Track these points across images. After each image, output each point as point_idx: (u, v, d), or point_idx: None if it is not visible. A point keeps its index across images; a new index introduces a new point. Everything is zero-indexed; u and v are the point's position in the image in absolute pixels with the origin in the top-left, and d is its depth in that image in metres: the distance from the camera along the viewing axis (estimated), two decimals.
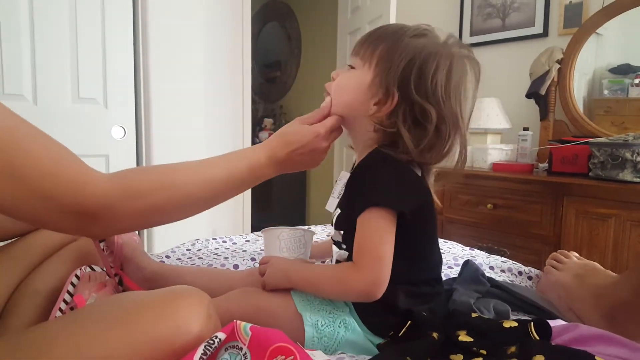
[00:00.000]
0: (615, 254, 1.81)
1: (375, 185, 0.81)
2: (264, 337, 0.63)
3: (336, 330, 0.83)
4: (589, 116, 2.26)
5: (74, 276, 0.94)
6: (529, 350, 0.69)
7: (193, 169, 0.81)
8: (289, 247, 0.96)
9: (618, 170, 1.82)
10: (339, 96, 0.90)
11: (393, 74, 0.83)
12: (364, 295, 0.80)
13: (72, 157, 0.64)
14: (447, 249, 1.52)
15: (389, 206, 0.80)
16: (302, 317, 0.83)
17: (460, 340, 0.78)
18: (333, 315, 0.84)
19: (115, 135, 2.36)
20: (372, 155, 0.86)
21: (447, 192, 2.42)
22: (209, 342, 0.61)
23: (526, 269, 1.34)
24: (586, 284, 1.10)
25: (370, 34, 0.89)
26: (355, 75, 0.88)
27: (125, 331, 0.60)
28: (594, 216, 1.85)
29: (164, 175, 0.76)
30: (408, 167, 0.85)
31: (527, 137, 2.32)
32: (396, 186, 0.82)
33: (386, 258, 0.79)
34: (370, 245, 0.79)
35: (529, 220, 2.07)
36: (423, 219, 0.87)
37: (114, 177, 0.68)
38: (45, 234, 1.03)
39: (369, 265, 0.78)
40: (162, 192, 0.72)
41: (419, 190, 0.86)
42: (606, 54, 2.28)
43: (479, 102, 2.44)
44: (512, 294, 1.05)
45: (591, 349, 0.71)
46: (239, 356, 0.63)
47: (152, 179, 0.73)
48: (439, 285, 0.93)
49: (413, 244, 0.86)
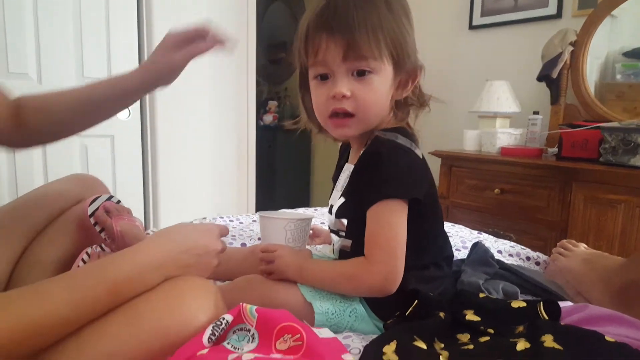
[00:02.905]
0: (623, 241, 1.79)
1: (385, 177, 0.79)
2: (270, 318, 0.63)
3: (346, 319, 0.82)
4: (600, 101, 2.22)
5: (85, 253, 0.94)
6: (538, 329, 0.68)
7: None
8: (295, 237, 0.94)
9: (630, 155, 1.79)
10: (368, 111, 0.82)
11: (406, 53, 0.81)
12: (378, 290, 0.78)
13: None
14: (455, 232, 1.51)
15: (401, 196, 0.78)
16: (311, 305, 0.81)
17: (467, 320, 0.77)
18: (343, 304, 0.83)
19: (120, 115, 2.36)
20: (376, 144, 0.83)
21: (453, 176, 2.40)
22: (217, 323, 0.61)
23: (534, 255, 1.33)
24: (594, 268, 1.09)
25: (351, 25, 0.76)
26: (378, 81, 0.80)
27: (132, 326, 0.59)
28: (602, 202, 1.83)
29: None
30: (412, 152, 0.83)
31: (537, 121, 2.29)
32: (406, 174, 0.80)
33: (400, 251, 0.77)
34: (382, 239, 0.78)
35: (536, 206, 2.05)
36: (431, 202, 0.86)
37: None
38: (47, 197, 1.02)
39: (382, 259, 0.77)
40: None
41: (426, 174, 0.85)
42: (620, 37, 2.23)
43: (489, 85, 2.41)
44: (521, 277, 1.05)
45: (601, 329, 0.70)
46: (247, 337, 0.62)
47: None
48: (447, 267, 0.92)
49: (422, 228, 0.85)
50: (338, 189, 0.93)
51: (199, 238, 0.73)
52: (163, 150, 2.51)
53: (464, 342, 0.74)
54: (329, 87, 0.81)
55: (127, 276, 0.62)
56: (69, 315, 0.57)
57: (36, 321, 0.55)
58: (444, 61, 2.84)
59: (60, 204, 1.02)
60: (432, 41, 2.87)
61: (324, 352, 0.57)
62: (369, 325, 0.83)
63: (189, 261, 0.70)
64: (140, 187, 2.51)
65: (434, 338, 0.73)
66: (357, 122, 0.82)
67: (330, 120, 0.83)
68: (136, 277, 0.63)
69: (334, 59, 0.78)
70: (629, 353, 0.62)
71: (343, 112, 0.81)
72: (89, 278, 0.61)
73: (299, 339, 0.58)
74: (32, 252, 0.94)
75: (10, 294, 0.58)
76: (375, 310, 0.83)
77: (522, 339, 0.68)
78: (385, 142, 0.82)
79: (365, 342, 0.75)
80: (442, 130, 2.64)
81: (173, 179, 2.57)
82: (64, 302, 0.57)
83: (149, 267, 0.65)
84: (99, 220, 1.00)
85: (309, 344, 0.58)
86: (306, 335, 0.59)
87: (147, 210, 2.54)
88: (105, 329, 0.59)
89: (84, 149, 2.28)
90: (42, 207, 1.00)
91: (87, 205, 1.00)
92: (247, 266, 0.98)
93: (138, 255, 0.65)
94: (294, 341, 0.59)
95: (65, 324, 0.57)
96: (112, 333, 0.59)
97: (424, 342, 0.67)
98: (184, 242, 0.71)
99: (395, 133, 0.83)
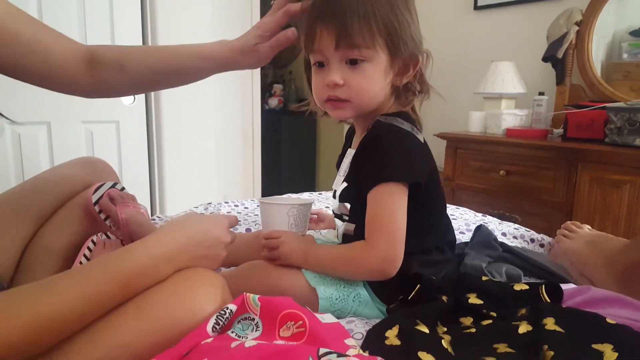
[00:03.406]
0: (629, 221, 1.79)
1: (384, 160, 0.79)
2: (273, 306, 0.63)
3: (350, 304, 0.83)
4: (606, 80, 2.20)
5: (91, 241, 0.95)
6: (540, 312, 0.69)
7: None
8: (298, 222, 0.94)
9: (635, 135, 1.78)
10: (362, 97, 0.82)
11: (403, 40, 0.80)
12: (378, 272, 0.79)
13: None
14: (459, 215, 1.51)
15: (400, 180, 0.78)
16: (315, 290, 0.82)
17: (470, 303, 0.78)
18: (347, 289, 0.84)
19: (125, 101, 2.36)
20: (376, 128, 0.84)
21: (459, 158, 2.39)
22: (221, 312, 0.61)
23: (538, 237, 1.33)
24: (598, 249, 1.09)
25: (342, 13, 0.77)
26: (371, 68, 0.81)
27: (143, 318, 0.60)
28: (608, 183, 1.83)
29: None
30: (413, 136, 0.83)
31: (542, 102, 2.27)
32: (406, 158, 0.80)
33: (399, 234, 0.78)
34: (382, 222, 0.78)
35: (541, 187, 2.05)
36: (433, 186, 0.86)
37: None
38: (56, 182, 1.02)
39: (382, 242, 0.77)
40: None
41: (427, 158, 0.85)
42: (627, 15, 2.20)
43: (494, 66, 2.38)
44: (525, 259, 1.05)
45: (603, 311, 0.70)
46: (251, 326, 0.63)
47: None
48: (450, 251, 0.93)
49: (424, 212, 0.85)
50: (341, 174, 0.94)
51: (210, 230, 0.73)
52: (168, 135, 2.52)
53: (466, 325, 0.75)
54: (324, 75, 0.82)
55: (139, 269, 0.62)
56: (81, 311, 0.57)
57: (48, 317, 0.55)
58: (449, 42, 2.81)
59: (69, 189, 1.02)
60: (437, 22, 2.84)
61: (327, 337, 0.58)
62: (372, 310, 0.84)
63: (200, 253, 0.70)
64: (145, 172, 2.53)
65: (436, 322, 0.74)
66: (352, 106, 0.83)
67: (327, 103, 0.85)
68: (149, 270, 0.63)
69: (328, 47, 0.79)
70: (630, 335, 0.63)
71: (337, 99, 0.83)
72: (100, 272, 0.61)
73: (302, 326, 0.59)
74: (41, 238, 0.95)
75: (21, 290, 0.58)
76: (379, 295, 0.84)
77: (524, 322, 0.69)
78: (385, 126, 0.82)
79: (368, 326, 0.76)
80: (447, 112, 2.63)
81: (178, 164, 2.58)
82: (76, 297, 0.57)
83: (162, 259, 0.65)
84: (103, 208, 1.01)
85: (311, 329, 0.58)
86: (308, 322, 0.60)
87: (153, 195, 2.56)
88: (116, 321, 0.59)
89: (90, 135, 2.29)
90: (51, 192, 1.00)
91: (92, 193, 1.00)
92: (250, 252, 0.98)
93: (150, 248, 0.65)
94: (296, 328, 0.59)
95: (77, 319, 0.57)
96: (123, 325, 0.59)
97: (426, 326, 0.68)
98: (195, 234, 0.71)
99: (396, 117, 0.84)
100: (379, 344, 0.66)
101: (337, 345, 0.57)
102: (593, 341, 0.61)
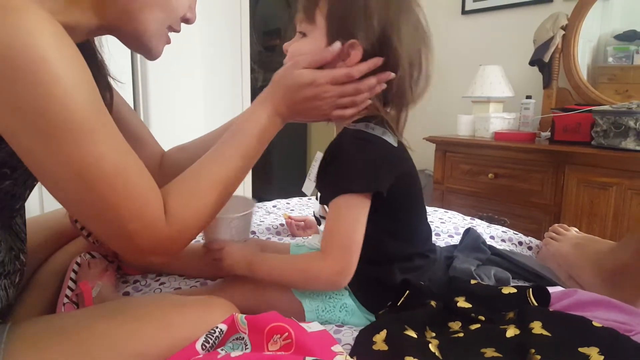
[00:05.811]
0: (615, 223, 1.81)
1: (342, 171, 0.77)
2: (259, 322, 0.64)
3: (336, 314, 0.82)
4: (592, 84, 2.22)
5: (75, 263, 0.94)
6: (527, 316, 0.69)
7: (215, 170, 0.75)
8: (239, 232, 0.90)
9: (621, 138, 1.80)
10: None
11: (344, 24, 0.78)
12: (330, 284, 0.78)
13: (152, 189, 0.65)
14: (448, 218, 1.51)
15: (359, 191, 0.76)
16: (301, 303, 0.81)
17: (459, 307, 0.78)
18: (333, 300, 0.83)
19: None
20: (340, 136, 0.82)
21: (448, 161, 2.40)
22: (210, 331, 0.63)
23: (526, 239, 1.34)
24: (586, 251, 1.10)
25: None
26: (307, 42, 0.82)
27: (164, 331, 0.64)
28: (595, 185, 1.84)
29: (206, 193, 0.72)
30: (379, 142, 0.79)
31: (529, 105, 2.29)
32: (365, 168, 0.77)
33: (355, 247, 0.76)
34: (339, 234, 0.76)
35: (530, 190, 2.06)
36: (404, 192, 0.83)
37: (170, 219, 0.65)
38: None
39: (337, 254, 0.76)
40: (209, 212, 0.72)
41: (391, 165, 0.80)
42: (612, 20, 2.22)
43: (482, 70, 2.40)
44: (513, 262, 1.05)
45: (590, 314, 0.71)
46: (241, 345, 0.64)
47: (198, 205, 0.70)
48: (433, 254, 0.91)
49: (400, 219, 0.84)
50: (311, 178, 0.92)
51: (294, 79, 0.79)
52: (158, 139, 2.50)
53: (454, 330, 0.75)
54: None
55: (264, 126, 0.77)
56: (242, 166, 0.75)
57: (224, 181, 0.72)
58: (437, 46, 2.77)
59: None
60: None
61: (313, 346, 0.57)
62: (360, 319, 0.83)
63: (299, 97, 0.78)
64: None
65: (425, 327, 0.74)
66: None
67: None
68: (270, 126, 0.79)
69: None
70: (616, 338, 0.64)
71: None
72: (240, 135, 0.76)
73: (288, 337, 0.59)
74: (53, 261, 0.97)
75: (194, 170, 0.72)
76: (364, 304, 0.83)
77: (512, 325, 0.69)
78: (349, 134, 0.80)
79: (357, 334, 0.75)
80: (436, 115, 2.64)
81: None
82: (235, 155, 0.74)
83: (274, 115, 0.79)
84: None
85: (297, 340, 0.58)
86: (294, 333, 0.60)
87: None
88: (141, 330, 0.64)
89: None
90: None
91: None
92: (202, 263, 0.97)
93: (265, 108, 0.79)
94: (283, 340, 0.59)
95: (240, 174, 0.75)
96: (146, 335, 0.64)
97: (414, 331, 0.68)
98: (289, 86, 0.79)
99: (366, 122, 0.80)
100: (367, 349, 0.66)
101: (324, 353, 0.57)
102: (579, 344, 0.62)
